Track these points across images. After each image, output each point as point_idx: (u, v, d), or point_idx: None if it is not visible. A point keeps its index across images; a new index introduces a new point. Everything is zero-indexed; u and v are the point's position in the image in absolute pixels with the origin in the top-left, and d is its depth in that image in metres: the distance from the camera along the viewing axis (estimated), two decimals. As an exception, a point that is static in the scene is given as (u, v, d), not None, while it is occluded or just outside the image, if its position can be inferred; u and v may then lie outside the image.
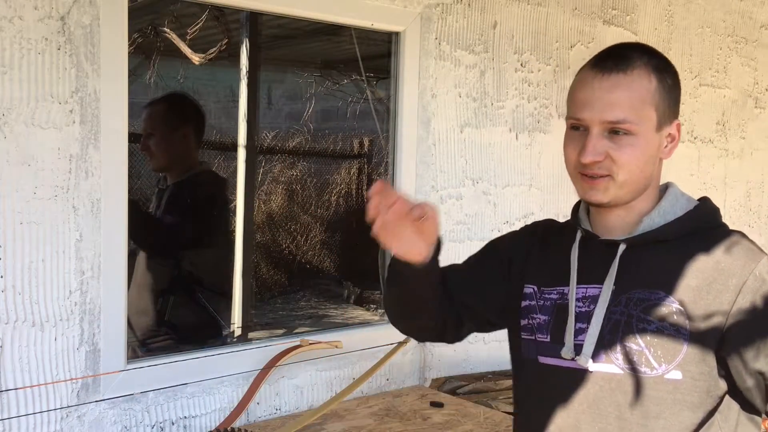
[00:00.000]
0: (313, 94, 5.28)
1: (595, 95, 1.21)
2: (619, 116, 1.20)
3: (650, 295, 1.22)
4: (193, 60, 3.42)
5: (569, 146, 1.27)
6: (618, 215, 1.29)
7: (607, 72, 1.21)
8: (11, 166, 1.70)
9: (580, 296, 1.28)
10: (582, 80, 1.26)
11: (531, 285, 1.36)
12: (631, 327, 1.21)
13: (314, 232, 6.14)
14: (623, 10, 3.13)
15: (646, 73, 1.23)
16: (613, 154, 1.21)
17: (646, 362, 1.19)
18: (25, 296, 1.74)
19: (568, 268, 1.31)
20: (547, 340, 1.31)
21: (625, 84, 1.21)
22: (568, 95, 1.30)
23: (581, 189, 1.27)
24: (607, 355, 1.22)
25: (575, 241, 1.32)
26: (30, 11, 1.70)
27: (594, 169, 1.22)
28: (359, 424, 2.11)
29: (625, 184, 1.23)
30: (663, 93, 1.24)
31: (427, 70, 2.47)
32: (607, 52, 1.26)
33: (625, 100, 1.20)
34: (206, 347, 2.18)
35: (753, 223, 3.99)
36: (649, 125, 1.23)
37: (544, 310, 1.32)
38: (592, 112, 1.21)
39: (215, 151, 4.79)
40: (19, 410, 1.75)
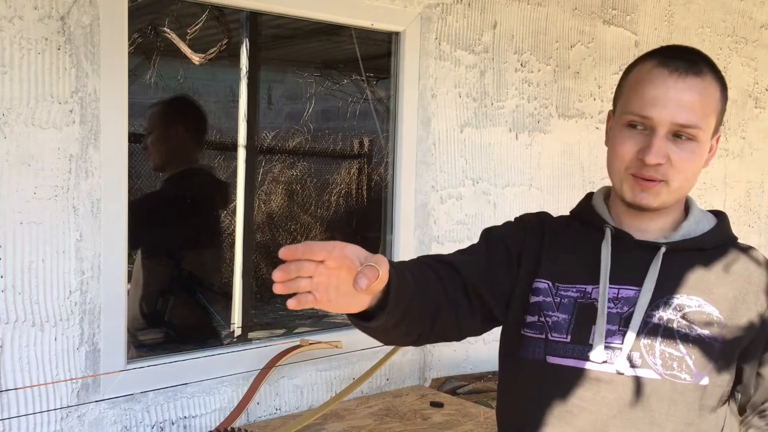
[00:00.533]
0: (313, 94, 5.28)
1: (669, 95, 1.18)
2: (692, 120, 1.18)
3: (690, 302, 1.21)
4: (193, 60, 3.42)
5: (625, 144, 1.22)
6: (651, 219, 1.27)
7: (683, 73, 1.19)
8: (11, 166, 1.70)
9: (611, 296, 1.23)
10: (651, 77, 1.21)
11: (544, 280, 1.29)
12: (672, 332, 1.19)
13: (314, 232, 6.14)
14: (623, 10, 3.13)
15: (715, 82, 1.22)
16: (673, 158, 1.19)
17: (687, 369, 1.17)
18: (25, 296, 1.74)
19: (592, 266, 1.26)
20: (567, 340, 1.25)
21: (700, 88, 1.19)
22: (625, 88, 1.26)
23: (630, 191, 1.23)
24: (644, 359, 1.19)
25: (605, 239, 1.27)
26: (30, 11, 1.70)
27: (652, 173, 1.19)
28: (359, 424, 2.11)
29: (677, 190, 1.22)
30: (722, 104, 1.24)
31: (427, 70, 2.47)
32: (674, 52, 1.23)
33: (698, 104, 1.18)
34: (206, 347, 2.18)
35: (753, 223, 3.99)
36: (708, 134, 1.23)
37: (563, 308, 1.26)
38: (664, 111, 1.18)
39: (215, 151, 4.79)
40: (19, 410, 1.75)
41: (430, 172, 2.52)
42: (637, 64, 1.27)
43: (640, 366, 1.19)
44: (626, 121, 1.22)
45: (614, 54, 3.11)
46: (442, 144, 2.54)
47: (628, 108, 1.22)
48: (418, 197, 2.49)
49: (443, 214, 2.56)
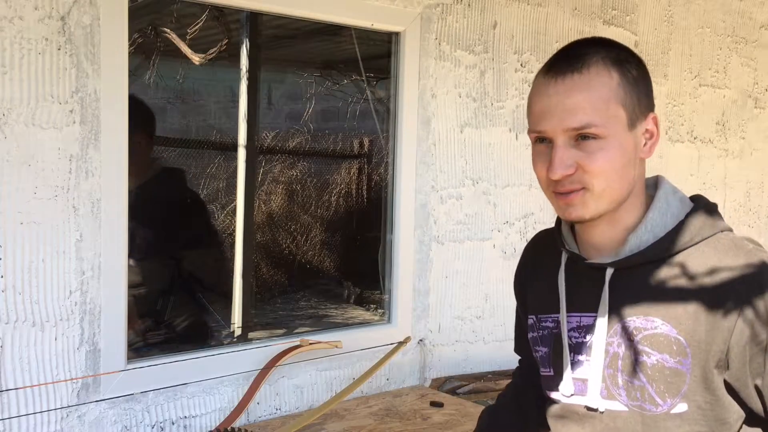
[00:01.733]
0: (313, 94, 5.28)
1: (551, 102, 1.08)
2: (582, 121, 1.06)
3: (646, 323, 1.09)
4: (193, 60, 3.42)
5: (538, 163, 1.14)
6: (603, 231, 1.14)
7: (561, 75, 1.08)
8: (11, 166, 1.70)
9: (574, 326, 1.16)
10: (537, 89, 1.12)
11: (531, 315, 1.26)
12: (631, 359, 1.09)
13: (314, 232, 6.14)
14: (623, 10, 3.14)
15: (604, 69, 1.09)
16: (583, 164, 1.07)
17: (650, 399, 1.08)
18: (25, 296, 1.74)
19: (557, 294, 1.19)
20: (550, 373, 1.20)
21: (582, 84, 1.07)
22: (527, 107, 1.18)
23: (558, 208, 1.13)
24: (609, 390, 1.11)
25: (561, 265, 1.20)
26: (30, 11, 1.70)
27: (566, 185, 1.09)
28: (359, 424, 2.11)
29: (603, 194, 1.09)
30: (628, 87, 1.10)
31: (427, 70, 2.47)
32: (560, 53, 1.13)
33: (585, 102, 1.07)
34: (206, 347, 2.18)
35: (753, 223, 3.99)
36: (618, 125, 1.08)
37: (544, 341, 1.22)
38: (552, 121, 1.08)
39: (215, 151, 4.79)
40: (19, 410, 1.75)
41: (430, 172, 2.52)
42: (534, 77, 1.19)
43: (606, 397, 1.11)
44: (532, 139, 1.15)
45: (614, 54, 3.10)
46: (442, 144, 2.54)
47: (529, 126, 1.16)
48: (418, 197, 2.49)
49: (443, 214, 2.56)
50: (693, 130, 3.54)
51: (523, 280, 1.32)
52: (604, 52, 1.11)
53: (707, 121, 3.62)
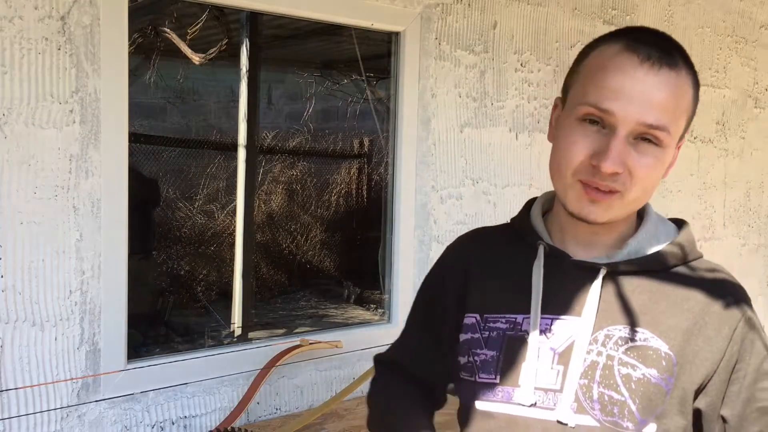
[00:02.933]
0: (313, 94, 5.28)
1: (636, 87, 0.94)
2: (662, 121, 0.95)
3: (634, 334, 1.00)
4: (193, 60, 3.42)
5: (576, 143, 0.98)
6: (596, 232, 1.06)
7: (657, 64, 0.95)
8: (11, 166, 1.70)
9: (543, 328, 1.03)
10: (617, 63, 0.97)
11: (473, 314, 1.10)
12: (612, 372, 0.99)
13: (314, 232, 6.14)
14: (623, 10, 3.14)
15: (689, 78, 0.99)
16: (632, 167, 0.96)
17: (629, 415, 0.97)
18: (25, 296, 1.74)
19: (522, 292, 1.06)
20: (495, 380, 1.05)
21: (673, 84, 0.96)
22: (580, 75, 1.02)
23: (576, 201, 1.00)
24: (581, 403, 0.99)
25: (537, 259, 1.07)
26: (30, 11, 1.70)
27: (608, 182, 0.97)
28: (359, 424, 2.11)
29: (632, 203, 1.00)
30: (695, 106, 1.02)
31: (427, 70, 2.47)
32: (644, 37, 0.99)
33: (671, 103, 0.96)
34: (206, 347, 2.18)
35: (753, 223, 3.99)
36: (675, 139, 1.01)
37: (491, 344, 1.07)
38: (630, 108, 0.94)
39: (215, 151, 4.79)
40: (19, 410, 1.75)
41: (430, 172, 2.52)
42: (597, 45, 1.02)
43: (577, 411, 0.99)
44: (580, 114, 0.98)
45: (614, 54, 3.10)
46: (442, 144, 2.54)
47: (584, 98, 0.98)
48: (418, 197, 2.49)
49: (443, 214, 2.56)
50: (693, 129, 3.54)
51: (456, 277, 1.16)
52: (684, 57, 1.01)
53: (707, 120, 3.62)
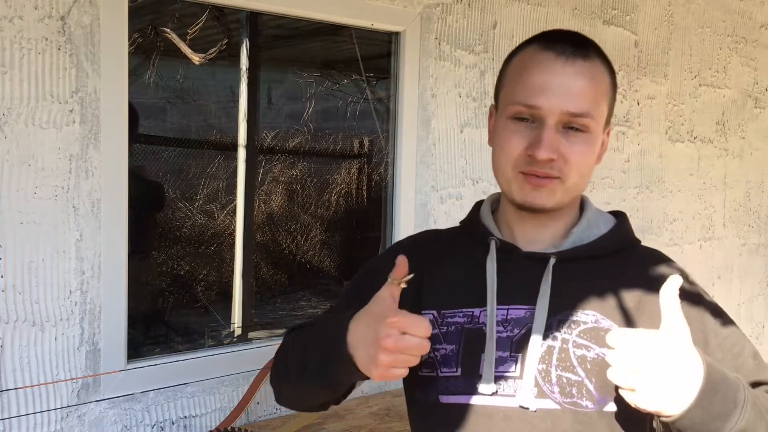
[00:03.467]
0: (313, 94, 5.28)
1: (556, 81, 1.04)
2: (583, 108, 1.04)
3: (586, 317, 1.06)
4: (193, 60, 3.42)
5: (512, 139, 1.06)
6: (543, 224, 1.13)
7: (571, 57, 1.05)
8: (11, 166, 1.70)
9: (500, 318, 1.08)
10: (536, 62, 1.06)
11: (429, 311, 1.13)
12: (568, 354, 1.04)
13: (314, 232, 6.14)
14: (623, 10, 3.14)
15: (603, 67, 1.09)
16: (565, 152, 1.05)
17: (587, 395, 1.02)
18: (25, 296, 1.74)
19: (477, 286, 1.11)
20: (457, 373, 1.08)
21: (589, 73, 1.06)
22: (507, 78, 1.12)
23: (521, 191, 1.07)
24: (540, 388, 1.03)
25: (490, 253, 1.12)
26: (30, 11, 1.70)
27: (546, 169, 1.05)
28: (359, 423, 2.11)
29: (572, 188, 1.08)
30: (612, 92, 1.11)
31: (427, 70, 2.47)
32: (558, 35, 1.09)
33: (589, 90, 1.05)
34: (206, 347, 2.18)
35: (753, 223, 3.99)
36: (600, 124, 1.09)
37: (450, 338, 1.10)
38: (553, 99, 1.03)
39: (215, 151, 4.79)
40: (19, 410, 1.75)
41: (430, 172, 2.52)
42: (518, 50, 1.12)
43: (538, 396, 1.03)
44: (511, 114, 1.07)
45: (614, 54, 3.11)
46: (442, 144, 2.54)
47: (512, 98, 1.08)
48: (418, 197, 2.49)
49: (443, 214, 2.56)
50: (693, 129, 3.54)
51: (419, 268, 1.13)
52: (597, 49, 1.11)
53: (707, 120, 3.62)
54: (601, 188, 3.08)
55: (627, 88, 3.17)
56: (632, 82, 3.19)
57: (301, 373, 1.12)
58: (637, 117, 3.24)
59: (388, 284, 1.00)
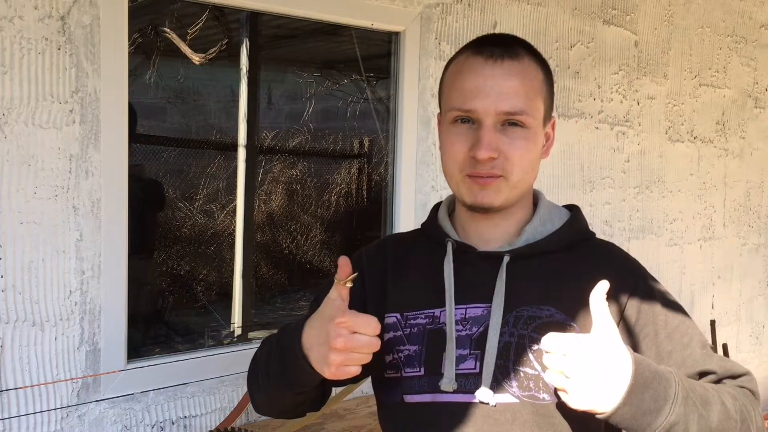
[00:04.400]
0: (313, 94, 5.28)
1: (488, 83, 1.07)
2: (517, 106, 1.07)
3: (540, 312, 1.09)
4: (193, 60, 3.42)
5: (455, 144, 1.10)
6: (496, 224, 1.15)
7: (499, 58, 1.08)
8: (11, 166, 1.70)
9: (458, 318, 1.11)
10: (468, 67, 1.10)
11: (393, 314, 1.16)
12: (524, 349, 1.07)
13: (314, 232, 6.14)
14: (623, 10, 3.14)
15: (534, 63, 1.12)
16: (506, 150, 1.08)
17: (544, 387, 1.06)
18: (25, 296, 1.74)
19: (437, 287, 1.13)
20: (420, 372, 1.11)
21: (519, 72, 1.09)
22: (445, 85, 1.16)
23: (469, 192, 1.10)
24: (499, 382, 1.07)
25: (447, 255, 1.15)
26: (30, 11, 1.70)
27: (487, 169, 1.08)
28: (359, 423, 2.11)
29: (518, 184, 1.10)
30: (548, 86, 1.14)
31: (427, 70, 2.47)
32: (488, 39, 1.13)
33: (521, 88, 1.08)
34: (206, 347, 2.18)
35: (753, 223, 3.99)
36: (539, 119, 1.12)
37: (413, 339, 1.13)
38: (486, 101, 1.07)
39: (215, 151, 4.79)
40: (19, 410, 1.75)
41: (430, 172, 2.52)
42: (454, 58, 1.16)
43: (496, 391, 1.07)
44: (451, 119, 1.11)
45: (614, 54, 3.11)
46: (442, 144, 2.54)
47: (450, 104, 1.12)
48: (418, 197, 2.49)
49: (443, 214, 2.56)
50: (693, 129, 3.54)
51: (381, 273, 1.21)
52: (528, 47, 1.14)
53: (707, 120, 3.62)
54: (601, 188, 3.08)
55: (627, 88, 3.17)
56: (632, 82, 3.19)
57: (266, 379, 1.15)
58: (637, 117, 3.24)
59: (335, 286, 1.02)
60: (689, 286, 3.61)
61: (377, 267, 1.22)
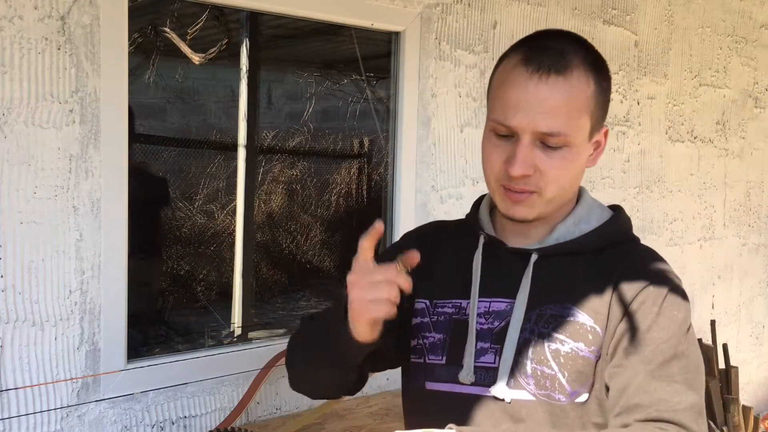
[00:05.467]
0: (313, 94, 5.28)
1: (529, 99, 1.05)
2: (554, 128, 1.05)
3: (562, 311, 1.08)
4: (193, 60, 3.42)
5: (493, 154, 1.10)
6: (533, 223, 1.16)
7: (545, 73, 1.05)
8: (11, 166, 1.70)
9: (482, 311, 1.12)
10: (512, 78, 1.08)
11: (423, 300, 1.19)
12: (543, 348, 1.07)
13: (314, 232, 6.14)
14: (623, 10, 3.13)
15: (585, 76, 1.08)
16: (542, 168, 1.06)
17: (560, 388, 1.06)
18: (25, 296, 1.74)
19: (466, 278, 1.15)
20: (442, 362, 1.13)
21: (564, 89, 1.05)
22: (491, 90, 1.14)
23: (503, 204, 1.12)
24: (516, 379, 1.07)
25: (478, 248, 1.16)
26: (30, 11, 1.70)
27: (521, 185, 1.07)
28: (359, 423, 2.11)
29: (553, 200, 1.10)
30: (599, 98, 1.11)
31: (427, 70, 2.47)
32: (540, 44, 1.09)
33: (563, 108, 1.05)
34: (206, 347, 2.18)
35: (753, 223, 3.99)
36: (582, 135, 1.09)
37: (439, 327, 1.15)
38: (525, 119, 1.05)
39: (215, 151, 4.79)
40: (19, 410, 1.75)
41: (430, 172, 2.52)
42: (503, 58, 1.13)
43: (512, 387, 1.07)
44: (491, 128, 1.11)
45: (614, 54, 3.11)
46: (442, 144, 2.54)
47: (492, 115, 1.11)
48: (418, 197, 2.49)
49: (443, 214, 2.56)
50: (693, 129, 3.54)
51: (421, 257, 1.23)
52: (584, 53, 1.11)
53: (707, 120, 3.62)
54: (601, 188, 3.08)
55: (627, 88, 3.17)
56: (632, 82, 3.19)
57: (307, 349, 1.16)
58: (637, 117, 3.24)
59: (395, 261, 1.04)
60: (689, 286, 3.61)
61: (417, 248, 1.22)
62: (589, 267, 1.11)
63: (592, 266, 1.11)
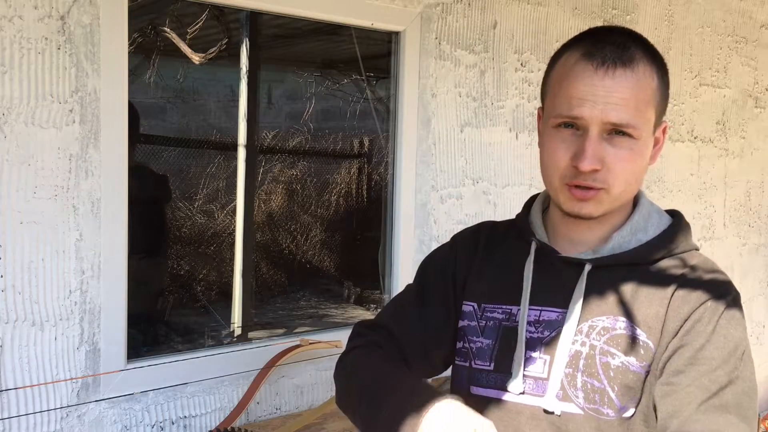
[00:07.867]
0: (313, 94, 5.28)
1: (597, 92, 1.02)
2: (624, 119, 1.02)
3: (615, 324, 1.05)
4: (193, 60, 3.42)
5: (557, 150, 1.06)
6: (588, 227, 1.12)
7: (611, 66, 1.03)
8: (11, 166, 1.70)
9: (532, 319, 1.10)
10: (576, 73, 1.05)
11: (470, 302, 1.17)
12: (594, 360, 1.04)
13: (314, 232, 6.14)
14: (623, 10, 3.13)
15: (648, 69, 1.06)
16: (610, 162, 1.04)
17: (609, 402, 1.03)
18: (25, 296, 1.74)
19: (517, 284, 1.13)
20: (490, 367, 1.11)
21: (631, 82, 1.03)
22: (550, 85, 1.11)
23: (568, 202, 1.07)
24: (566, 392, 1.05)
25: (530, 254, 1.14)
26: (30, 11, 1.70)
27: (589, 181, 1.04)
28: (359, 423, 2.11)
29: (620, 196, 1.07)
30: (662, 91, 1.09)
31: (427, 69, 2.47)
32: (600, 39, 1.06)
33: (631, 100, 1.03)
34: (206, 347, 2.18)
35: (753, 223, 3.99)
36: (648, 128, 1.07)
37: (488, 332, 1.13)
38: (594, 110, 1.02)
39: (215, 151, 4.79)
40: (19, 410, 1.75)
41: (430, 172, 2.52)
42: (562, 52, 1.11)
43: (561, 399, 1.05)
44: (555, 123, 1.07)
45: (614, 54, 3.10)
46: (442, 144, 2.54)
47: (555, 109, 1.07)
48: (418, 197, 2.49)
49: (443, 214, 2.56)
50: (693, 129, 3.54)
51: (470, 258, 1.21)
52: (643, 47, 1.08)
53: (707, 120, 3.62)
54: (601, 188, 3.08)
55: (627, 88, 3.17)
56: (632, 81, 3.18)
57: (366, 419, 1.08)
58: (637, 117, 3.23)
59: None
60: (689, 286, 3.60)
61: (468, 254, 1.21)
62: (644, 279, 1.08)
63: (647, 278, 1.08)
